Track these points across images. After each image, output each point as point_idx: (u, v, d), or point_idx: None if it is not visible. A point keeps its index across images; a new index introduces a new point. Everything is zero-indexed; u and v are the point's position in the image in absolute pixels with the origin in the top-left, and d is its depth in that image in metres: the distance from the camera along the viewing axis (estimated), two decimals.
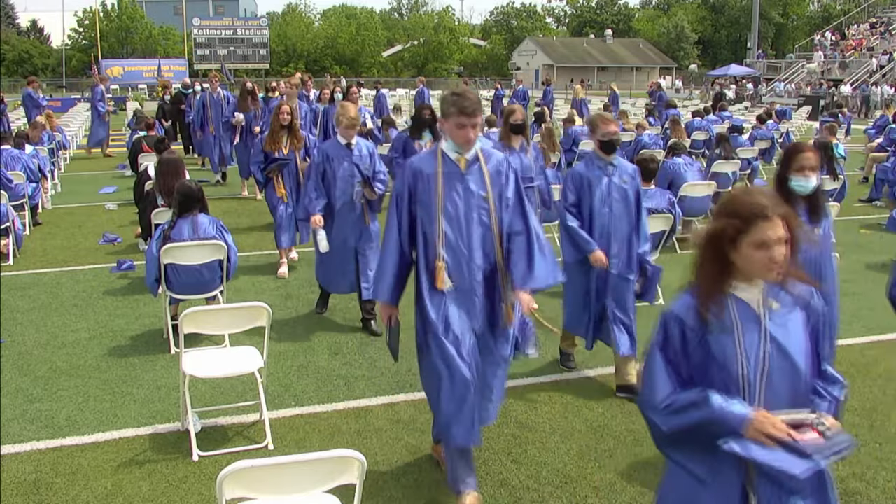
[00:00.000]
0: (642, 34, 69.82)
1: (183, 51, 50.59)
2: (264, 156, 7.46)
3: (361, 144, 5.98)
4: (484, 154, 3.57)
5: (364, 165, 5.91)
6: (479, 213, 3.50)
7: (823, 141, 9.57)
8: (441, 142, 3.58)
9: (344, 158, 5.88)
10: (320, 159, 5.94)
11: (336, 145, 5.96)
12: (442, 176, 3.49)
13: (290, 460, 2.45)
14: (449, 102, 3.46)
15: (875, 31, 40.78)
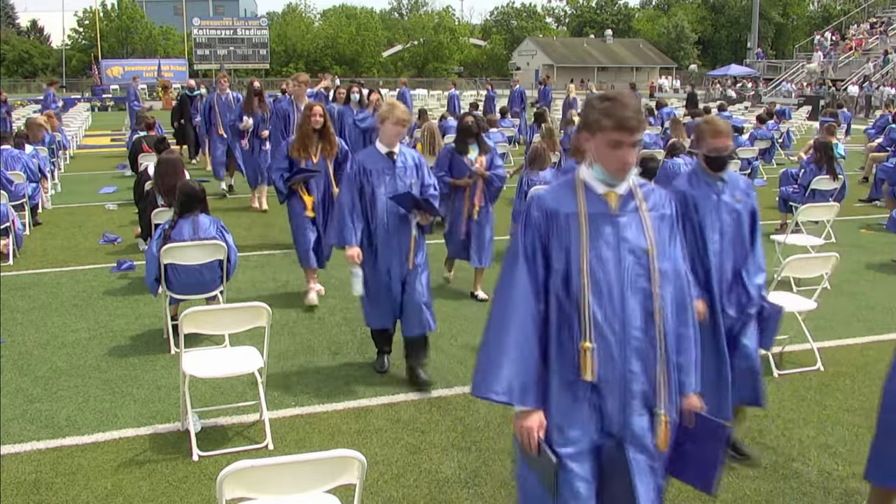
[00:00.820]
0: (642, 34, 69.81)
1: (183, 51, 50.61)
2: (289, 163, 6.41)
3: (406, 154, 4.95)
4: (642, 189, 2.59)
5: (411, 179, 4.90)
6: (637, 274, 2.48)
7: (823, 141, 9.57)
8: (581, 168, 2.60)
9: (385, 171, 4.86)
10: (356, 172, 4.89)
11: (375, 155, 4.91)
12: (586, 219, 2.50)
13: (290, 460, 2.45)
14: (599, 110, 2.45)
15: (875, 31, 40.77)
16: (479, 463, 4.03)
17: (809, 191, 8.94)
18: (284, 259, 8.21)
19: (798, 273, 5.72)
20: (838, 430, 4.45)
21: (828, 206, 7.90)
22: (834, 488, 3.84)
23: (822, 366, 5.33)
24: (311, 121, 6.35)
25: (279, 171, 6.44)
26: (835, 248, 7.44)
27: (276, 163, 6.55)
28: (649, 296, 2.48)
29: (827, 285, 5.88)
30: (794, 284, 6.39)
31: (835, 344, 5.82)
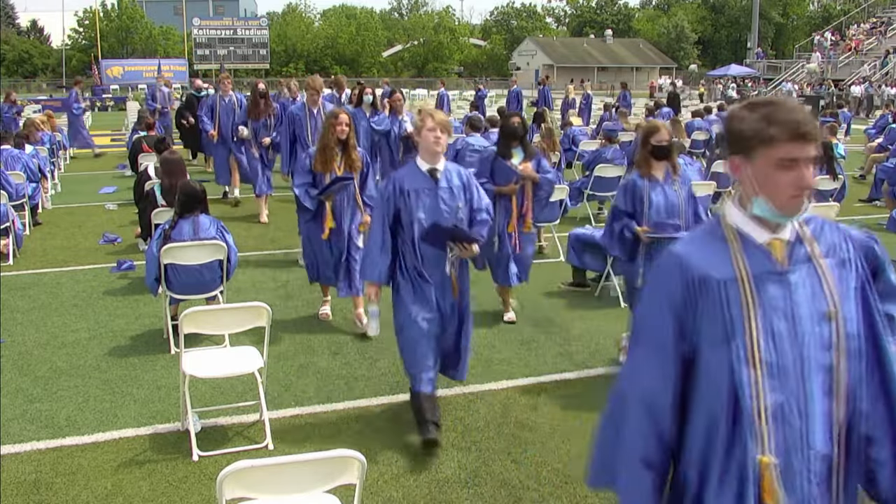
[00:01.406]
0: (642, 34, 69.83)
1: (183, 51, 50.61)
2: (312, 177, 5.75)
3: (452, 171, 4.22)
4: (808, 227, 1.88)
5: (457, 202, 4.17)
6: (820, 350, 1.79)
7: (823, 141, 9.57)
8: (729, 204, 1.89)
9: (425, 192, 4.15)
10: (390, 193, 4.18)
11: (414, 173, 4.19)
12: (749, 281, 1.80)
13: (290, 460, 2.45)
14: (756, 119, 1.77)
15: (875, 31, 40.77)
16: (479, 463, 4.03)
17: None
18: (284, 259, 8.21)
19: None
20: None
21: (828, 206, 7.90)
22: None
23: None
24: (335, 131, 5.59)
25: (303, 186, 5.72)
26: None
27: (299, 177, 5.81)
28: (831, 374, 1.80)
29: None
30: None
31: None
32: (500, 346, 5.72)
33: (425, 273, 4.20)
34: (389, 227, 4.19)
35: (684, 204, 4.98)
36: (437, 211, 4.12)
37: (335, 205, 5.81)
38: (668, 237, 4.78)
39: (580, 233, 7.09)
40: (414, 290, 4.21)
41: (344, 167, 5.73)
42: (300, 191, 5.76)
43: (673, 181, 4.99)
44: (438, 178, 4.15)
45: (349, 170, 5.74)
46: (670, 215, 4.95)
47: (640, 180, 5.01)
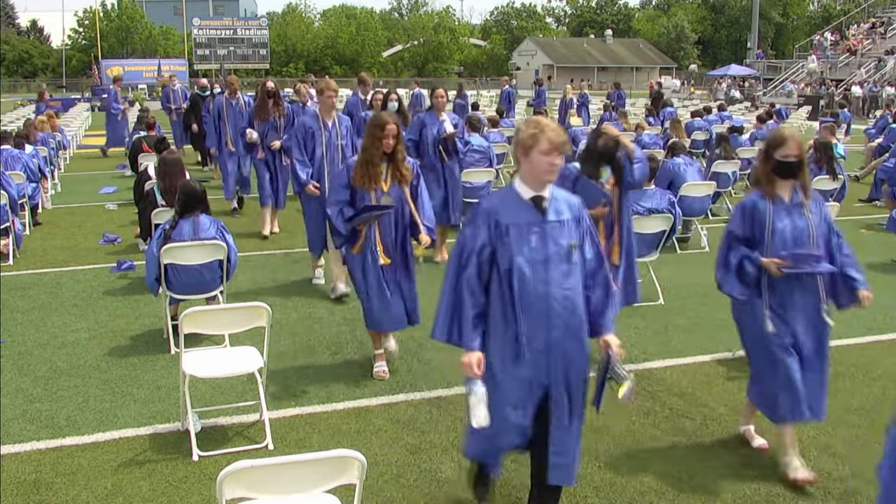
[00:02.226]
0: (642, 34, 69.83)
1: (183, 51, 50.62)
2: (350, 195, 4.92)
3: (560, 199, 3.20)
4: None
5: (569, 240, 3.16)
6: None
7: (823, 141, 9.57)
8: None
9: (531, 228, 3.13)
10: (481, 227, 3.16)
11: (513, 202, 3.17)
12: None
13: (290, 460, 2.45)
14: None
15: (875, 31, 40.77)
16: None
17: None
18: (284, 259, 8.21)
19: None
20: (838, 430, 4.45)
21: (828, 206, 7.89)
22: (834, 488, 3.84)
23: None
24: (382, 143, 4.79)
25: (338, 204, 4.92)
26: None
27: (335, 194, 4.98)
28: None
29: None
30: None
31: (835, 344, 5.78)
32: None
33: (525, 342, 3.13)
34: (481, 271, 3.19)
35: (815, 231, 4.01)
36: (543, 251, 3.12)
37: (383, 230, 4.93)
38: (808, 272, 3.95)
39: None
40: (505, 368, 3.17)
41: (391, 181, 4.91)
42: (333, 211, 4.91)
43: (802, 204, 4.03)
44: (546, 209, 3.15)
45: (398, 183, 4.92)
46: (797, 244, 3.97)
47: (761, 201, 4.01)
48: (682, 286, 7.22)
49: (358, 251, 4.96)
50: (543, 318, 3.11)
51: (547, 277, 3.10)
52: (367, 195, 4.87)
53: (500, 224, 3.14)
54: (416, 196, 5.04)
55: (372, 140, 4.83)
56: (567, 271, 3.14)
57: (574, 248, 3.15)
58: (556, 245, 3.13)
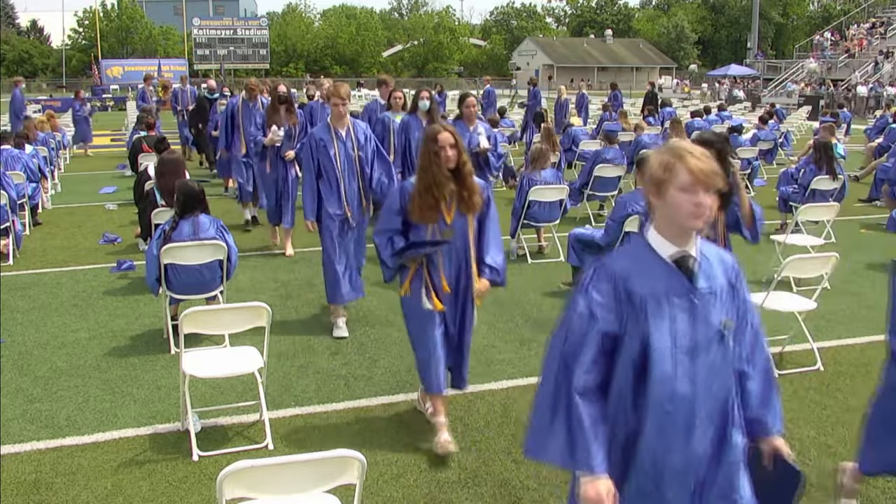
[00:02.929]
0: (642, 34, 69.87)
1: (183, 51, 50.66)
2: (404, 222, 4.02)
3: (711, 258, 2.31)
4: None
5: (720, 317, 2.27)
6: None
7: (823, 141, 9.57)
8: None
9: (674, 302, 2.24)
10: (614, 303, 2.25)
11: (648, 261, 2.27)
12: None
13: (290, 460, 2.45)
14: None
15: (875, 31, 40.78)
16: (479, 463, 4.03)
17: (809, 191, 8.94)
18: (284, 259, 8.21)
19: (798, 273, 5.72)
20: (838, 430, 4.45)
21: (828, 206, 7.90)
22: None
23: (822, 366, 5.33)
24: (440, 159, 3.86)
25: (388, 233, 4.03)
26: (835, 248, 7.44)
27: (385, 220, 4.06)
28: None
29: (827, 285, 5.88)
30: (794, 284, 6.39)
31: (835, 344, 5.82)
32: (500, 346, 5.72)
33: (654, 462, 2.26)
34: (601, 367, 2.26)
35: None
36: (691, 333, 2.22)
37: (447, 268, 4.03)
38: None
39: (580, 233, 7.08)
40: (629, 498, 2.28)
41: (456, 208, 3.96)
42: (381, 240, 4.03)
43: None
44: (695, 272, 2.24)
45: (465, 211, 3.97)
46: None
47: None
48: None
49: (407, 292, 4.08)
50: (683, 430, 2.23)
51: (693, 372, 2.21)
52: (423, 228, 3.96)
53: (634, 295, 2.22)
54: (483, 227, 4.07)
55: (428, 158, 3.87)
56: (720, 361, 2.25)
57: (729, 328, 2.27)
58: (707, 325, 2.23)
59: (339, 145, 5.82)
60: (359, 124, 6.03)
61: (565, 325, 2.29)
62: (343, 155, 5.83)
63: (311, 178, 5.84)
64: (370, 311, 6.41)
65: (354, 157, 5.85)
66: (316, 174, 5.83)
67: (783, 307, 5.30)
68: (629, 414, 2.26)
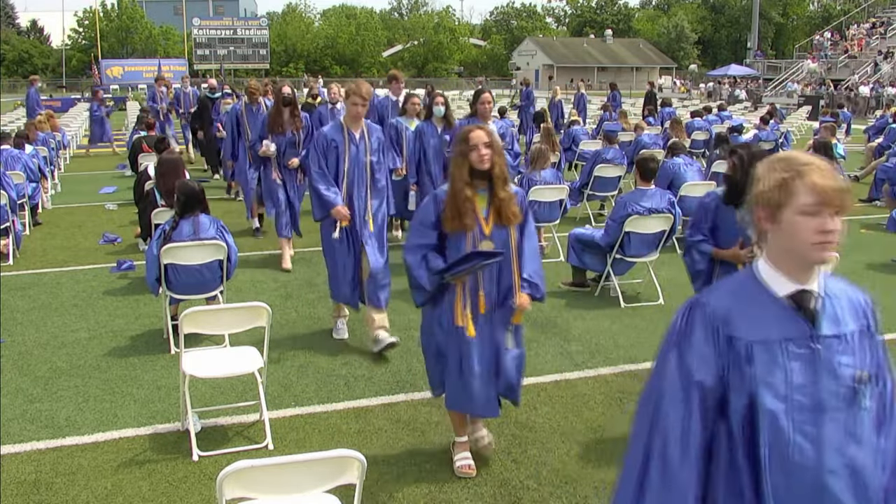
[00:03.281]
0: (642, 34, 69.89)
1: (183, 51, 50.66)
2: (438, 236, 3.67)
3: (840, 298, 1.93)
4: None
5: (857, 370, 1.83)
6: None
7: (823, 141, 9.58)
8: None
9: (794, 352, 1.82)
10: (712, 351, 1.84)
11: (759, 300, 1.87)
12: None
13: (290, 460, 2.45)
14: None
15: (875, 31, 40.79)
16: (479, 463, 4.03)
17: None
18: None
19: None
20: None
21: None
22: None
23: None
24: (472, 159, 3.52)
25: (420, 249, 3.66)
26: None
27: (416, 235, 3.70)
28: None
29: None
30: None
31: None
32: None
33: None
34: (703, 429, 1.85)
35: None
36: (813, 392, 1.82)
37: (486, 285, 3.67)
38: None
39: (580, 233, 7.09)
40: None
41: (493, 219, 3.60)
42: (413, 259, 3.66)
43: None
44: (817, 315, 1.86)
45: (501, 221, 3.61)
46: None
47: None
48: (682, 286, 7.17)
49: (465, 323, 3.63)
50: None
51: (819, 435, 1.79)
52: (463, 238, 3.59)
53: (737, 341, 1.83)
54: (521, 240, 3.74)
55: (461, 161, 3.54)
56: (853, 423, 1.82)
57: (866, 383, 1.83)
58: (835, 378, 1.81)
59: (352, 148, 5.33)
60: (374, 128, 5.55)
61: (654, 380, 1.92)
62: (353, 158, 5.34)
63: (321, 170, 5.31)
64: None
65: (366, 162, 5.37)
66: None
67: None
68: (740, 480, 1.82)
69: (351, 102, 5.31)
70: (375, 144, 5.47)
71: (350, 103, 5.33)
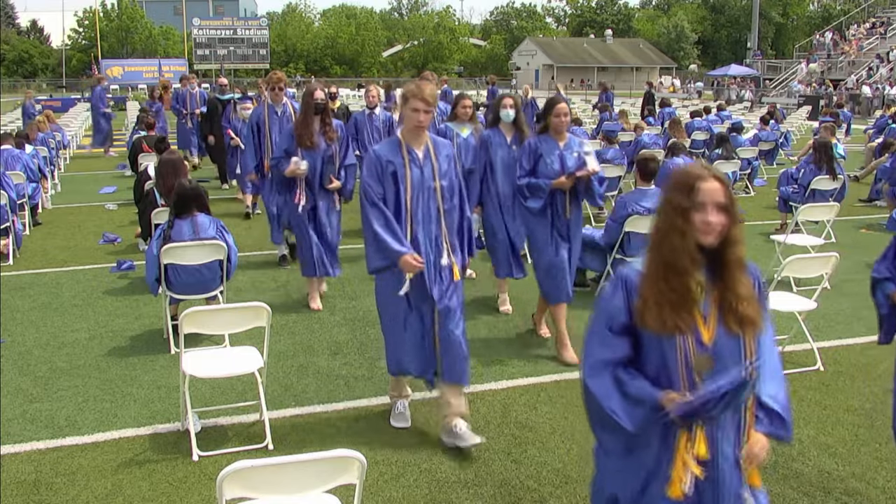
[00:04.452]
0: (642, 34, 69.90)
1: (183, 51, 50.66)
2: (631, 343, 2.34)
3: None
4: None
5: None
6: None
7: (823, 141, 9.57)
8: None
9: None
10: None
11: None
12: None
13: (290, 460, 2.45)
14: None
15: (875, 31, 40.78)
16: (479, 463, 4.03)
17: (809, 191, 8.94)
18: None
19: (798, 273, 5.72)
20: (838, 430, 4.45)
21: (828, 206, 7.90)
22: (834, 488, 3.84)
23: (822, 366, 5.33)
24: (700, 223, 2.22)
25: (608, 368, 2.36)
26: (835, 248, 7.43)
27: (598, 345, 2.40)
28: None
29: (827, 285, 5.88)
30: (794, 284, 6.39)
31: (835, 344, 5.82)
32: (500, 347, 5.72)
33: None
34: None
35: None
36: None
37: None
38: None
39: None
40: None
41: (717, 321, 2.28)
42: (601, 383, 2.36)
43: None
44: None
45: (734, 326, 2.28)
46: None
47: None
48: None
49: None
50: None
51: None
52: (669, 347, 2.27)
53: None
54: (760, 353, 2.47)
55: (682, 223, 2.23)
56: None
57: None
58: None
59: (414, 172, 4.06)
60: (442, 143, 4.25)
61: None
62: (418, 184, 4.07)
63: (377, 207, 4.03)
64: (370, 311, 6.40)
65: (434, 187, 4.09)
66: None
67: (783, 307, 5.29)
68: None
69: (411, 108, 3.99)
70: (445, 165, 4.15)
71: (409, 109, 4.01)
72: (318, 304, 6.54)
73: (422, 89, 3.97)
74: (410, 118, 4.01)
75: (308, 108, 6.15)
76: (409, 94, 3.99)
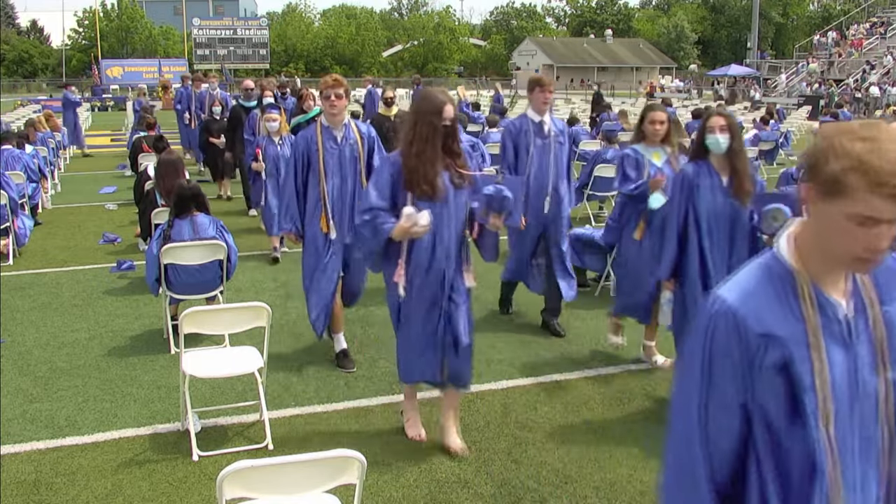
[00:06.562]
0: (642, 34, 69.89)
1: (183, 51, 50.66)
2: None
3: None
4: None
5: None
6: None
7: None
8: None
9: None
10: None
11: None
12: None
13: (290, 460, 2.45)
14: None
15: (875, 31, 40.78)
16: (479, 463, 4.03)
17: None
18: (284, 259, 8.20)
19: None
20: None
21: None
22: None
23: None
24: None
25: None
26: None
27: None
28: None
29: None
30: None
31: None
32: (500, 346, 5.72)
33: None
34: None
35: None
36: None
37: None
38: None
39: (580, 233, 7.09)
40: None
41: None
42: None
43: None
44: None
45: None
46: None
47: None
48: None
49: None
50: None
51: None
52: None
53: None
54: None
55: None
56: None
57: None
58: None
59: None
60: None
61: None
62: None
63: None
64: (370, 311, 6.41)
65: None
66: None
67: None
68: None
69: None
70: None
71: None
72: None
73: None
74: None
75: (431, 132, 3.69)
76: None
